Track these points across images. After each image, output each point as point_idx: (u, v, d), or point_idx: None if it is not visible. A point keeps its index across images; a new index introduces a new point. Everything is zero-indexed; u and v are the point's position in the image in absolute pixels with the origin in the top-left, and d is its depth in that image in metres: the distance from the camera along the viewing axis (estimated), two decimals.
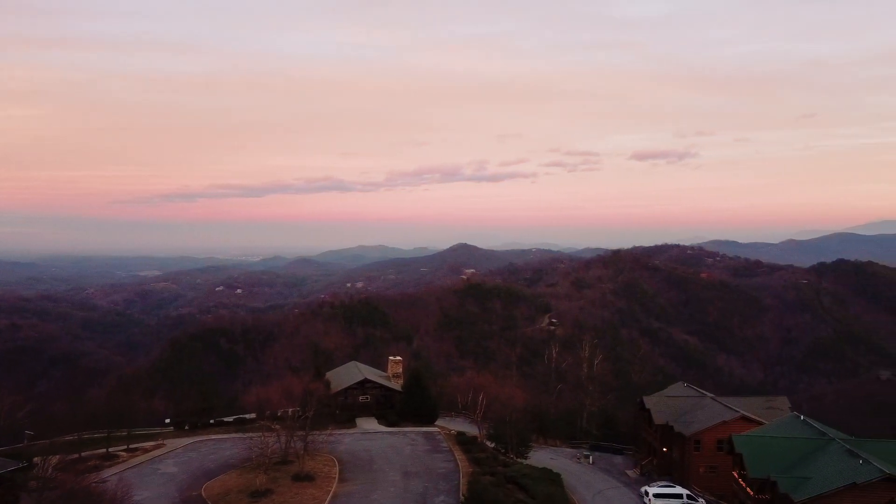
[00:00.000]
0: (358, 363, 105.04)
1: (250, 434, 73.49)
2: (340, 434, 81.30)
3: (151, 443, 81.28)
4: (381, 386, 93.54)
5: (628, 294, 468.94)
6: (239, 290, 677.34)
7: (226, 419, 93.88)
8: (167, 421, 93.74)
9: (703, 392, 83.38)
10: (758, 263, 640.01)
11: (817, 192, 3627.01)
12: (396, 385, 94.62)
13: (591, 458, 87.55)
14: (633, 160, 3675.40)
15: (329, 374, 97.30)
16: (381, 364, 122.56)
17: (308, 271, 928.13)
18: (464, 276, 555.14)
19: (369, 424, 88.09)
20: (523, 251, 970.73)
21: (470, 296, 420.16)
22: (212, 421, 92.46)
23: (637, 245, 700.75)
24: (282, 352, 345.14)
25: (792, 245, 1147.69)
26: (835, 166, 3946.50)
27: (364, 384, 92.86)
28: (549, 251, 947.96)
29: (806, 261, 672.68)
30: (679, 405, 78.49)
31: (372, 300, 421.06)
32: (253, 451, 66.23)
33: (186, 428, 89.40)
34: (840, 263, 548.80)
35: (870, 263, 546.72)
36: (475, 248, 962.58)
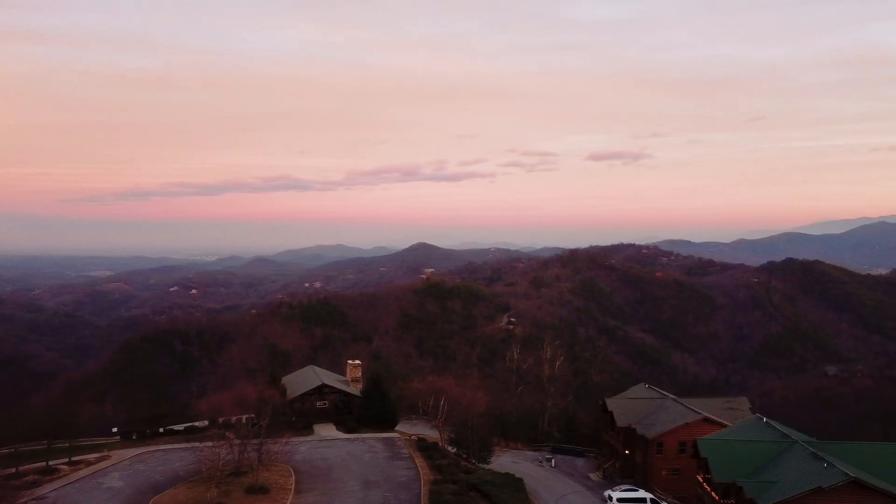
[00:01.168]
0: (315, 367, 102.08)
1: (202, 444, 70.24)
2: (297, 442, 78.54)
3: (96, 455, 77.13)
4: (340, 391, 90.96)
5: (585, 293, 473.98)
6: (194, 291, 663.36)
7: (176, 428, 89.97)
8: (114, 430, 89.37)
9: (665, 393, 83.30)
10: (710, 262, 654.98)
11: (767, 193, 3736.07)
12: (355, 390, 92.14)
13: (553, 461, 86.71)
14: (590, 161, 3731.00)
15: (285, 380, 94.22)
16: (340, 365, 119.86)
17: (266, 271, 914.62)
18: (423, 276, 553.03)
19: (327, 431, 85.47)
20: (482, 250, 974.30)
21: (429, 295, 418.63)
22: (161, 430, 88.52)
23: (594, 244, 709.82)
24: (238, 353, 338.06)
25: (742, 244, 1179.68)
26: (783, 168, 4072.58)
27: (322, 389, 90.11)
28: (508, 250, 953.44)
29: (756, 260, 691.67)
30: (641, 407, 78.13)
31: (331, 300, 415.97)
32: (204, 463, 63.13)
33: (134, 438, 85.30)
34: (788, 262, 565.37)
35: (816, 262, 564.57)
36: (434, 247, 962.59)
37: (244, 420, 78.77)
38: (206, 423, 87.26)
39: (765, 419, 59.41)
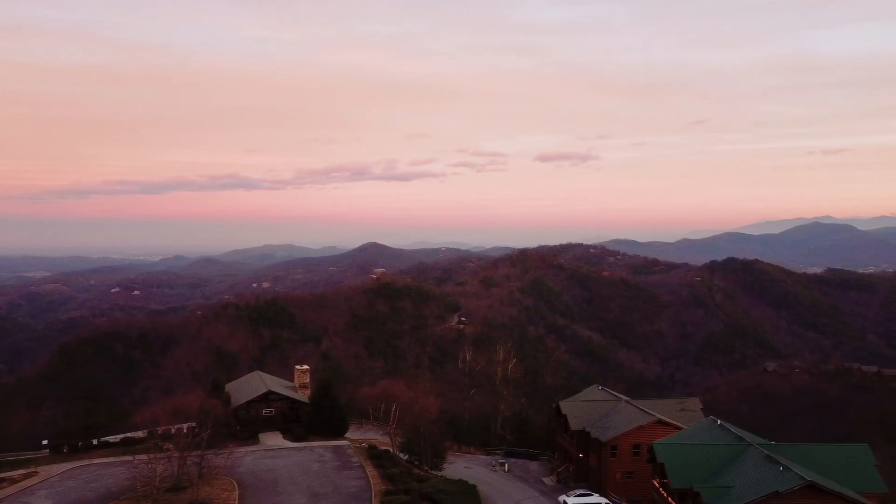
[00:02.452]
0: (261, 373, 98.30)
1: (138, 457, 66.14)
2: (241, 453, 75.10)
3: (22, 471, 71.98)
4: (287, 398, 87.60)
5: (535, 292, 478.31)
6: (137, 292, 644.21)
7: (111, 440, 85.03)
8: (44, 443, 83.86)
9: (618, 395, 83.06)
10: (655, 262, 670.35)
11: (709, 194, 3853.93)
12: (303, 396, 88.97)
13: (506, 465, 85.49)
14: (539, 161, 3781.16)
15: (229, 386, 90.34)
16: (289, 367, 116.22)
17: (212, 271, 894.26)
18: (374, 276, 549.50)
19: (274, 440, 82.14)
20: (433, 250, 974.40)
21: (380, 295, 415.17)
22: (95, 442, 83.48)
23: (543, 244, 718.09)
24: (183, 356, 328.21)
25: (686, 244, 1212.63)
26: (724, 170, 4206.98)
27: (268, 396, 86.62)
28: (459, 250, 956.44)
29: (699, 259, 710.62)
30: (594, 409, 77.59)
31: (279, 300, 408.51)
32: (139, 478, 59.30)
33: (65, 451, 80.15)
34: (730, 261, 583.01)
35: (756, 261, 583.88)
36: (385, 247, 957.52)
37: (185, 430, 75.19)
38: (143, 433, 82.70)
39: (718, 421, 59.38)
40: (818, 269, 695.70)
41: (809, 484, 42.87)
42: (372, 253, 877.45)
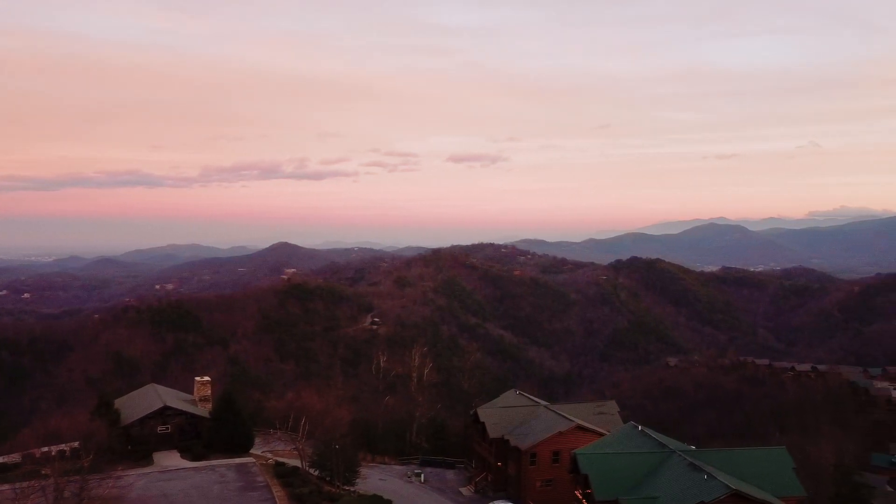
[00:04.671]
0: (157, 386, 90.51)
1: (7, 486, 58.30)
2: (133, 475, 68.06)
3: None
4: (185, 412, 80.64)
5: (448, 291, 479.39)
6: (27, 295, 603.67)
7: None
8: None
9: (536, 400, 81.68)
10: (563, 261, 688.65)
11: (613, 196, 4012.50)
12: (204, 410, 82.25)
13: (422, 475, 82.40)
14: (450, 162, 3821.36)
15: (120, 402, 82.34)
16: (195, 371, 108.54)
17: (111, 272, 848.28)
18: (284, 276, 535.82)
19: (170, 460, 75.25)
20: (346, 250, 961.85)
21: (291, 296, 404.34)
22: None
23: (455, 244, 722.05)
24: (79, 363, 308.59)
25: (592, 244, 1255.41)
26: (626, 172, 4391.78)
27: (164, 412, 79.39)
28: (372, 250, 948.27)
29: (605, 258, 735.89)
30: (513, 416, 75.74)
31: (184, 303, 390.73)
32: None
33: None
34: (633, 261, 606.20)
35: (658, 260, 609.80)
36: (296, 246, 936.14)
37: (67, 452, 67.38)
38: (19, 457, 73.71)
39: (640, 427, 58.62)
40: (714, 268, 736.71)
41: (734, 493, 42.12)
42: (283, 253, 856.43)
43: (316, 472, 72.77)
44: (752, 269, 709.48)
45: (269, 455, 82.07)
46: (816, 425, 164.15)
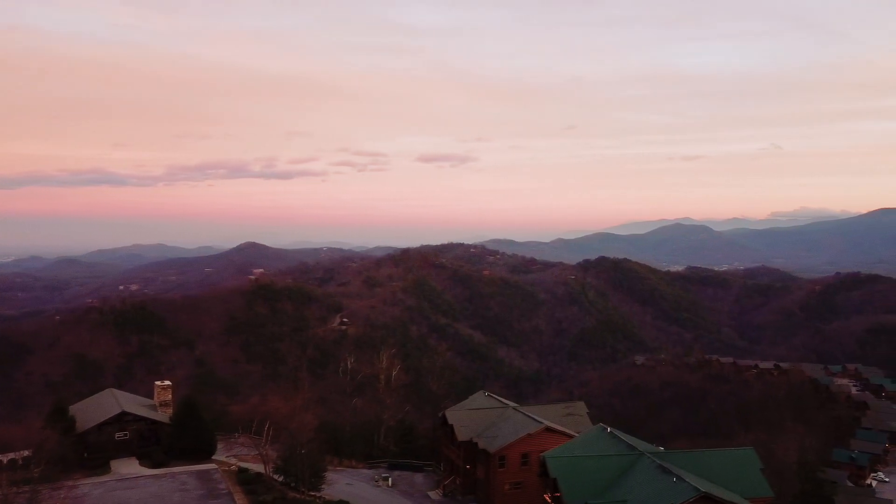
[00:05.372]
0: (115, 391, 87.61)
1: None
2: (88, 484, 65.60)
3: None
4: (145, 418, 78.07)
5: (417, 291, 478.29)
6: None
7: None
8: None
9: (505, 402, 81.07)
10: (532, 261, 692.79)
11: (581, 196, 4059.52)
12: (164, 416, 79.81)
13: (389, 479, 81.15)
14: (420, 162, 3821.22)
15: (75, 408, 79.39)
16: (160, 374, 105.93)
17: (73, 273, 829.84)
18: (252, 277, 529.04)
19: (128, 468, 72.73)
20: (314, 250, 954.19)
21: (259, 297, 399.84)
22: None
23: (425, 244, 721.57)
24: (39, 366, 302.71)
25: (561, 244, 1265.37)
26: (594, 173, 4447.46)
27: (122, 418, 76.73)
28: (341, 250, 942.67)
29: (573, 258, 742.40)
30: (481, 418, 74.97)
31: (148, 304, 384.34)
32: None
33: None
34: (601, 260, 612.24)
35: (625, 260, 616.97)
36: (264, 246, 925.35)
37: (19, 461, 64.60)
38: None
39: (609, 429, 58.35)
40: (680, 268, 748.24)
41: (704, 495, 41.89)
42: (250, 253, 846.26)
43: (280, 478, 71.02)
44: (716, 269, 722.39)
45: (233, 460, 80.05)
46: (780, 422, 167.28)
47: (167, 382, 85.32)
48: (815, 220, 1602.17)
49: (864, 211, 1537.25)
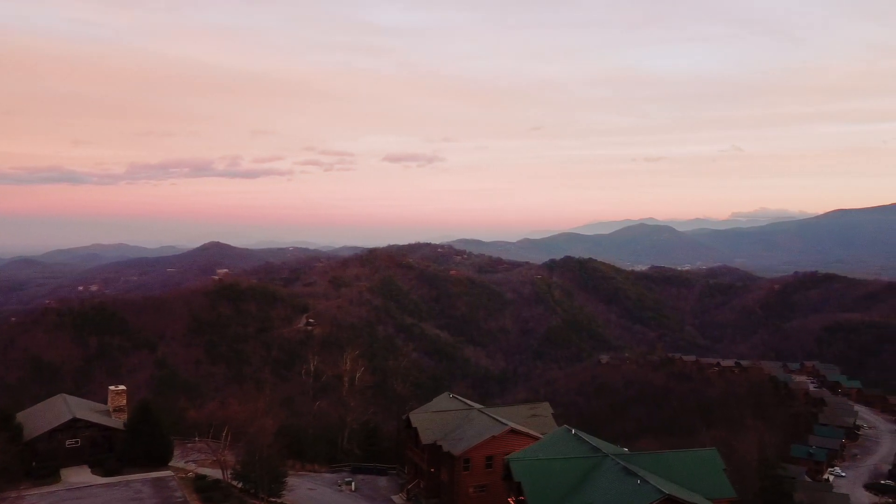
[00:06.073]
0: (67, 396, 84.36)
1: None
2: (36, 495, 62.96)
3: None
4: (97, 424, 75.30)
5: (384, 291, 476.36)
6: None
7: None
8: None
9: (470, 403, 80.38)
10: (499, 261, 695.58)
11: (547, 196, 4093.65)
12: (119, 421, 77.13)
13: (353, 483, 79.77)
14: (387, 162, 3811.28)
15: (23, 415, 76.18)
16: (121, 377, 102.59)
17: (30, 273, 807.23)
18: (216, 277, 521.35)
19: (80, 476, 70.01)
20: (280, 249, 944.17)
21: (223, 297, 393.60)
22: None
23: (392, 244, 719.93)
24: None
25: (527, 244, 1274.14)
26: (560, 173, 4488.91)
27: (73, 424, 73.93)
28: (307, 250, 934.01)
29: (539, 258, 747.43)
30: (446, 420, 74.12)
31: (109, 305, 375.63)
32: None
33: None
34: (567, 260, 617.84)
35: (590, 260, 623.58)
36: (229, 246, 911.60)
37: None
38: None
39: (573, 430, 58.03)
40: (644, 267, 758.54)
41: (668, 498, 41.67)
42: (215, 253, 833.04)
43: (240, 485, 69.15)
44: (679, 268, 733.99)
45: (193, 466, 77.78)
46: (741, 419, 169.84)
47: (121, 387, 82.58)
48: (774, 221, 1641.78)
49: (821, 212, 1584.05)
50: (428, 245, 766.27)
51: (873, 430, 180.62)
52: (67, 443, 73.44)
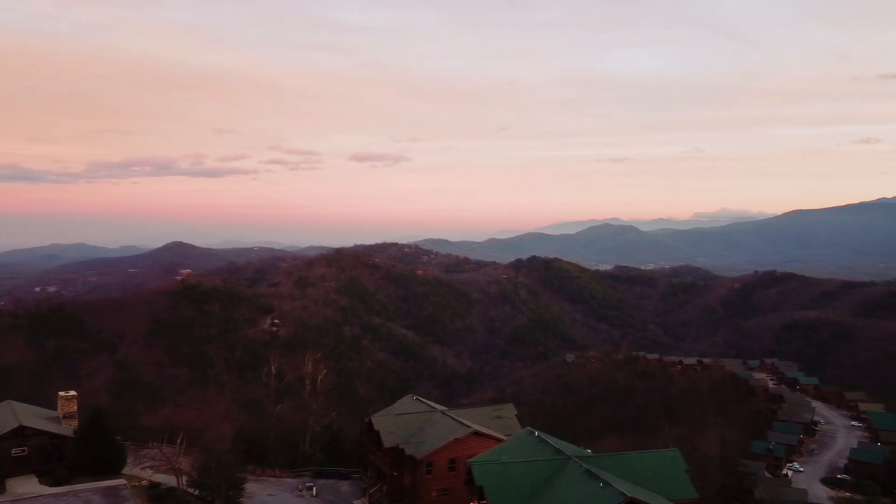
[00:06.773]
0: (14, 403, 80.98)
1: None
2: None
3: None
4: (46, 432, 72.35)
5: (351, 291, 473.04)
6: None
7: None
8: None
9: (433, 405, 79.35)
10: (466, 260, 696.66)
11: (513, 196, 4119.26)
12: (69, 429, 74.25)
13: (314, 488, 78.22)
14: (353, 161, 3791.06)
15: None
16: (79, 380, 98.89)
17: None
18: (179, 277, 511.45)
19: (26, 486, 67.16)
20: (245, 249, 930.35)
21: (185, 298, 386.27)
22: None
23: (359, 243, 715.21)
24: None
25: (494, 243, 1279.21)
26: (525, 174, 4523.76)
27: (20, 432, 70.89)
28: (273, 249, 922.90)
29: (505, 258, 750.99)
30: (409, 423, 72.98)
31: (67, 306, 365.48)
32: None
33: None
34: (533, 260, 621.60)
35: (556, 259, 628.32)
36: (192, 246, 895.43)
37: None
38: None
39: (536, 433, 57.51)
40: (608, 267, 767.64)
41: (630, 500, 41.29)
42: (177, 253, 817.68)
43: (196, 492, 67.08)
44: (643, 268, 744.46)
45: (149, 473, 75.29)
46: (703, 416, 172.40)
47: (72, 392, 79.53)
48: (734, 221, 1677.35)
49: (779, 212, 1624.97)
50: (395, 245, 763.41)
51: (830, 425, 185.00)
52: (14, 451, 70.42)
